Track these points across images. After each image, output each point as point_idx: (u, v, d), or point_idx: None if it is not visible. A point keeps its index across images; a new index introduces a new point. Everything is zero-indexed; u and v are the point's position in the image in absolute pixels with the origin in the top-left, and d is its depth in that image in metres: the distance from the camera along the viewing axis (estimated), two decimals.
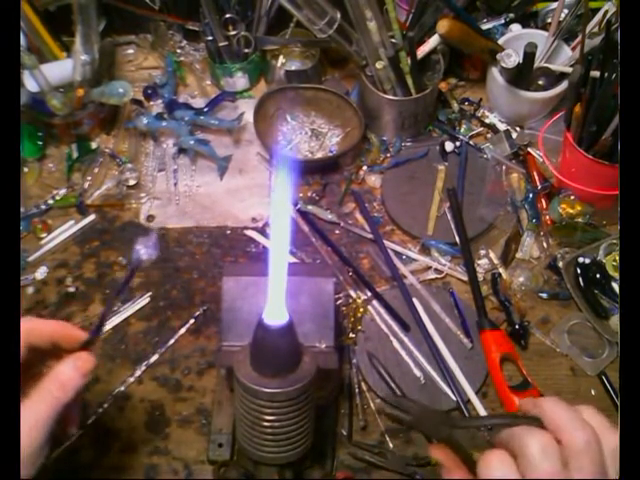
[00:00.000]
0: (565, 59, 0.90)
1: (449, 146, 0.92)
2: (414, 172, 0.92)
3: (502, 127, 0.96)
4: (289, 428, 0.56)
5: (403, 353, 0.78)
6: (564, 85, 0.88)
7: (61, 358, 0.53)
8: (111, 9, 0.99)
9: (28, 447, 0.48)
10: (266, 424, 0.55)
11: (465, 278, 0.83)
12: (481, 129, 0.96)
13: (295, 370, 0.55)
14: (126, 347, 0.80)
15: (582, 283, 0.80)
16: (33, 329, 0.51)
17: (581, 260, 0.81)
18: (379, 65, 0.86)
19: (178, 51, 1.02)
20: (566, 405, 0.44)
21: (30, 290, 0.84)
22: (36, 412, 0.49)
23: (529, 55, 0.86)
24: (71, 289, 0.84)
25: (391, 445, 0.73)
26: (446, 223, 0.87)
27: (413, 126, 0.93)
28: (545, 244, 0.86)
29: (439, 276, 0.84)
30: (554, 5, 0.94)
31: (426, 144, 0.94)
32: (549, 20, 0.95)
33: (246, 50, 0.96)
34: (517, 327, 0.79)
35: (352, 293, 0.82)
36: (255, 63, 0.98)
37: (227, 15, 0.92)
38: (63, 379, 0.50)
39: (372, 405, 0.76)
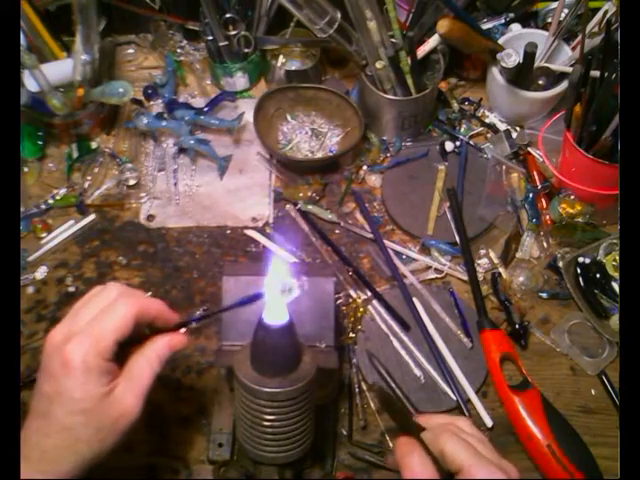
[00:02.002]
0: (565, 59, 0.90)
1: (449, 146, 0.92)
2: (414, 172, 0.92)
3: (502, 127, 0.96)
4: (289, 428, 0.56)
5: (403, 353, 0.78)
6: (564, 85, 0.88)
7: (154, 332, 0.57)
8: (111, 9, 0.98)
9: (136, 414, 0.53)
10: (266, 424, 0.55)
11: (465, 278, 0.83)
12: (481, 129, 0.96)
13: (295, 370, 0.55)
14: None
15: (582, 283, 0.80)
16: (145, 310, 0.55)
17: (581, 260, 0.81)
18: (379, 65, 0.86)
19: (178, 51, 1.02)
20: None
21: (30, 290, 0.84)
22: (140, 381, 0.54)
23: (529, 55, 0.86)
24: (71, 289, 0.84)
25: (391, 445, 0.73)
26: (446, 223, 0.87)
27: (413, 126, 0.93)
28: (545, 244, 0.86)
29: (439, 276, 0.84)
30: (554, 5, 0.94)
31: (426, 144, 0.94)
32: (549, 20, 0.95)
33: (246, 50, 0.96)
34: (517, 327, 0.79)
35: (352, 293, 0.82)
36: (255, 63, 0.98)
37: (227, 15, 0.92)
38: (159, 353, 0.55)
39: (372, 405, 0.76)
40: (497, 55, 0.87)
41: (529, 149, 0.92)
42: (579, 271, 0.81)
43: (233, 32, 0.94)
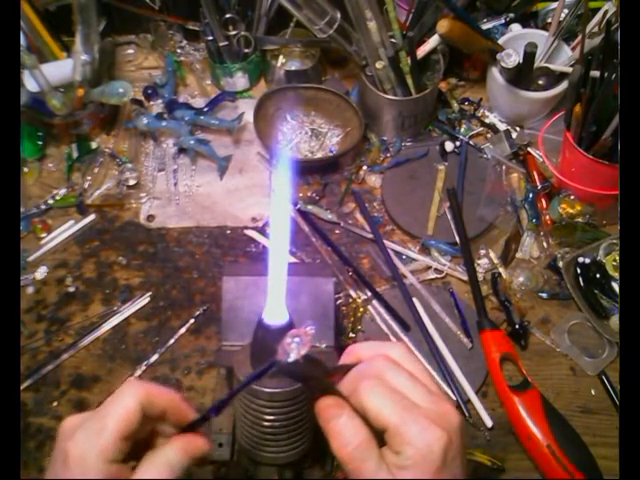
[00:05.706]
0: (565, 59, 0.90)
1: (449, 146, 0.92)
2: (414, 172, 0.92)
3: (502, 127, 0.96)
4: (289, 428, 0.56)
5: None
6: (564, 85, 0.88)
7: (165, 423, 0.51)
8: (111, 9, 0.99)
9: None
10: (266, 424, 0.55)
11: (465, 278, 0.83)
12: (481, 129, 0.96)
13: None
14: (126, 347, 0.80)
15: (582, 283, 0.80)
16: (153, 397, 0.49)
17: (581, 260, 0.81)
18: (379, 65, 0.86)
19: (178, 51, 1.02)
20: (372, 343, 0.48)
21: (30, 290, 0.84)
22: None
23: (529, 55, 0.86)
24: (71, 289, 0.84)
25: None
26: (446, 223, 0.87)
27: (413, 126, 0.93)
28: (545, 244, 0.86)
29: (439, 276, 0.84)
30: (554, 5, 0.94)
31: (426, 144, 0.94)
32: (549, 20, 0.95)
33: (246, 50, 0.96)
34: (517, 327, 0.79)
35: (352, 293, 0.82)
36: (255, 63, 0.98)
37: (227, 15, 0.92)
38: (171, 461, 0.48)
39: None
40: (497, 55, 0.87)
41: (529, 149, 0.92)
42: (579, 271, 0.81)
43: (233, 32, 0.94)
